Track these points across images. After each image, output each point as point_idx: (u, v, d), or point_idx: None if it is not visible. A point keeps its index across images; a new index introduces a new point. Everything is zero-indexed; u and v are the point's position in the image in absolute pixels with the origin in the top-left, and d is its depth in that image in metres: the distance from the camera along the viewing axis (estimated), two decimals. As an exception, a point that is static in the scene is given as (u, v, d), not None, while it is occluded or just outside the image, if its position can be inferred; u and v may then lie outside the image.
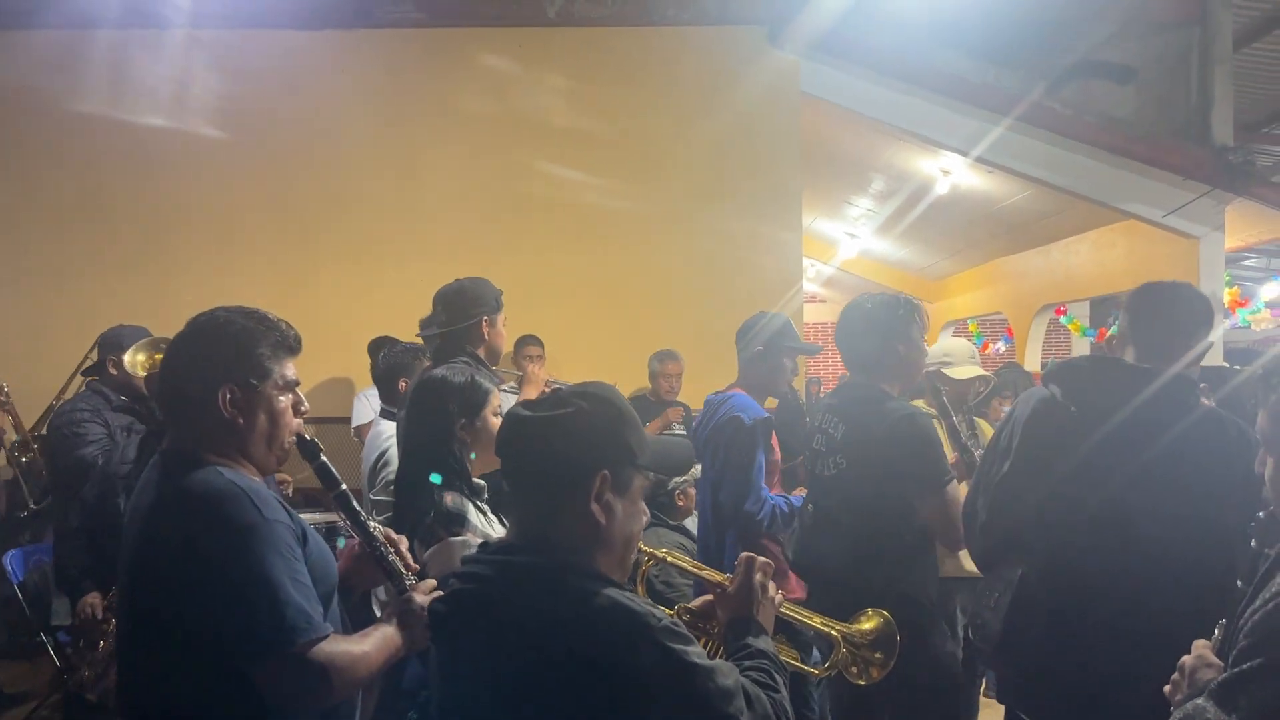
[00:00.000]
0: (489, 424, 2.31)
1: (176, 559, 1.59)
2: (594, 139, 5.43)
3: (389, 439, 3.47)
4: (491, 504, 2.30)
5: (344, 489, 1.85)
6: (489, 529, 2.21)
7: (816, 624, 2.01)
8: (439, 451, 2.26)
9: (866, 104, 5.59)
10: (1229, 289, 8.23)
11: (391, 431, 3.37)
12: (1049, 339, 10.42)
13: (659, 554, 1.93)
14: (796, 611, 1.98)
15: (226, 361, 1.70)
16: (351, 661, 1.64)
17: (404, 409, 2.62)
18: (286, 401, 1.75)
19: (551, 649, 1.34)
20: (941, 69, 5.47)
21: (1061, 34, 5.81)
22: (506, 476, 1.51)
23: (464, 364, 2.65)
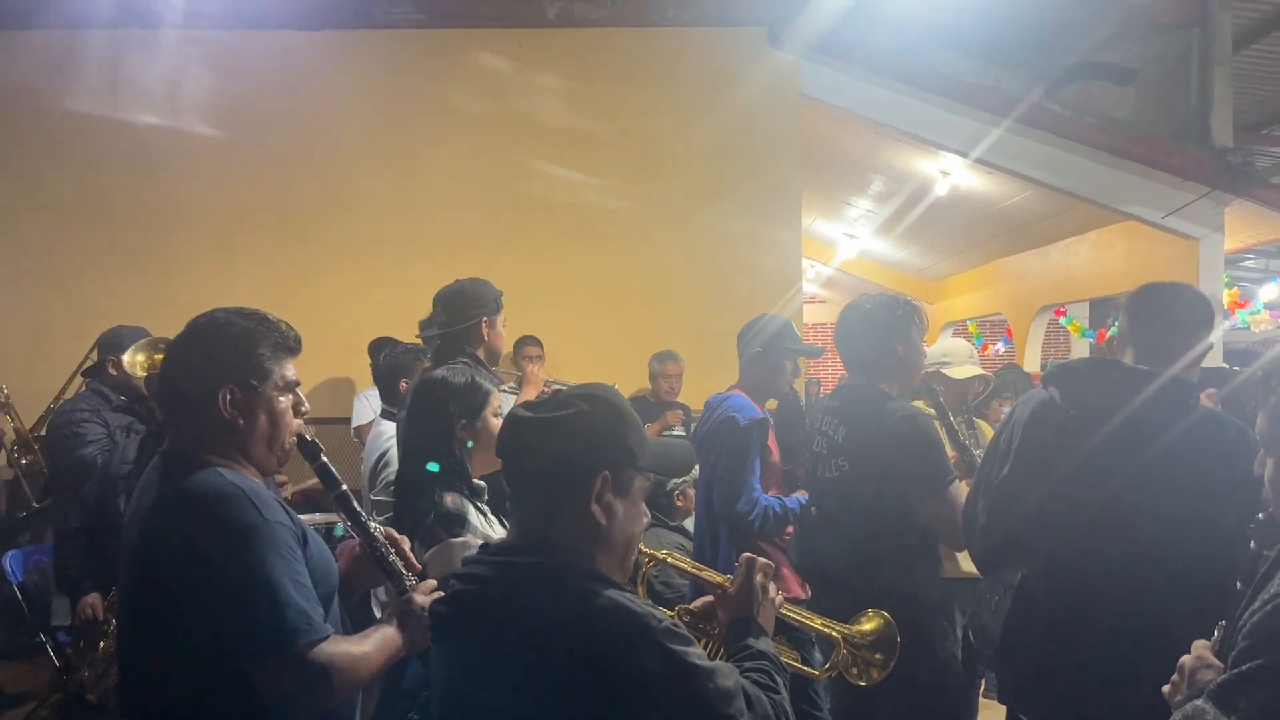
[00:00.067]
0: (489, 425, 2.31)
1: (177, 560, 1.59)
2: (594, 140, 5.43)
3: (390, 439, 3.47)
4: (492, 505, 2.30)
5: (344, 489, 1.85)
6: (489, 530, 2.22)
7: (816, 625, 2.01)
8: (439, 452, 2.27)
9: (866, 105, 5.60)
10: (1228, 290, 8.23)
11: (392, 432, 3.37)
12: (1048, 340, 10.42)
13: (659, 555, 1.93)
14: (797, 612, 1.98)
15: (227, 362, 1.70)
16: (352, 662, 1.64)
17: (404, 410, 2.62)
18: (287, 402, 1.76)
19: (552, 650, 1.34)
20: (941, 70, 5.48)
21: (1061, 35, 5.81)
22: (507, 477, 1.52)
23: (464, 365, 2.65)
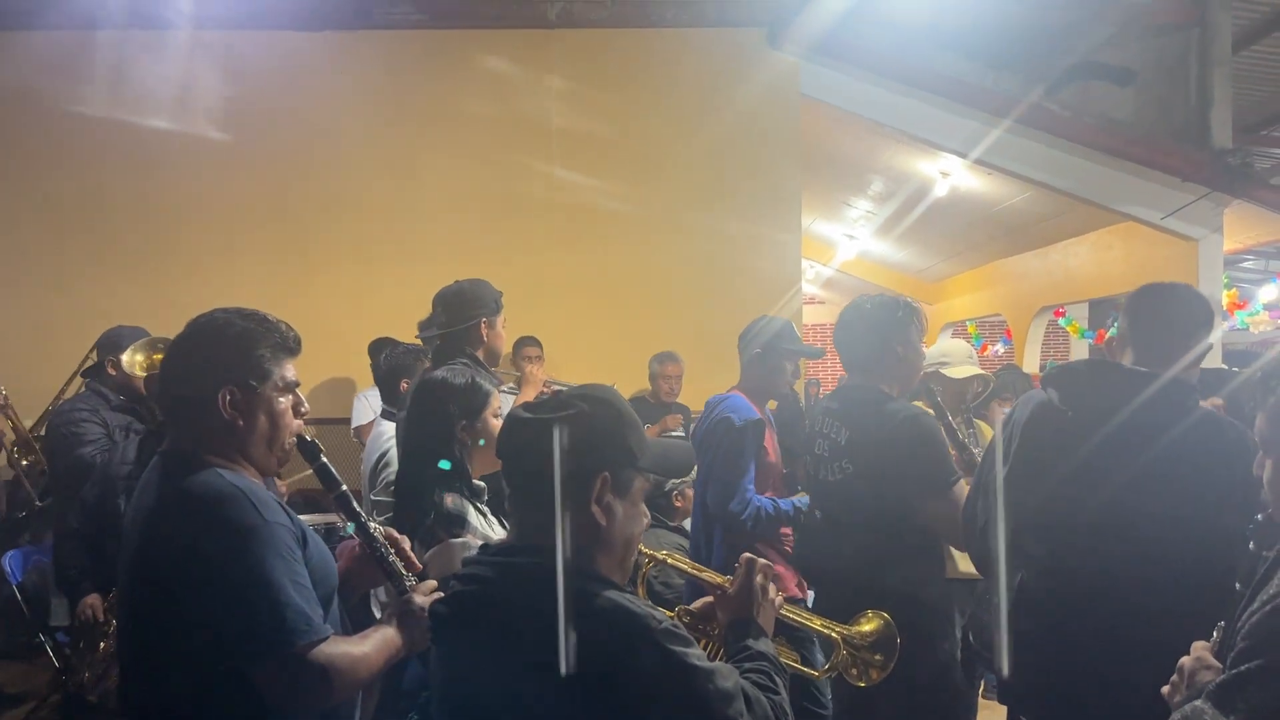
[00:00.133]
0: (489, 425, 2.31)
1: (177, 560, 1.59)
2: (593, 140, 5.43)
3: (390, 440, 3.47)
4: (492, 505, 2.30)
5: (344, 490, 1.85)
6: (489, 530, 2.22)
7: (816, 626, 2.01)
8: (439, 453, 2.27)
9: (866, 106, 5.60)
10: (1227, 291, 8.24)
11: (392, 432, 3.37)
12: (1048, 341, 10.42)
13: (659, 556, 1.93)
14: (796, 613, 1.98)
15: (226, 363, 1.70)
16: (351, 663, 1.64)
17: (404, 410, 2.62)
18: (286, 403, 1.76)
19: (552, 650, 1.34)
20: (941, 71, 5.48)
21: (1060, 36, 5.82)
22: (507, 478, 1.52)
23: (464, 365, 2.65)
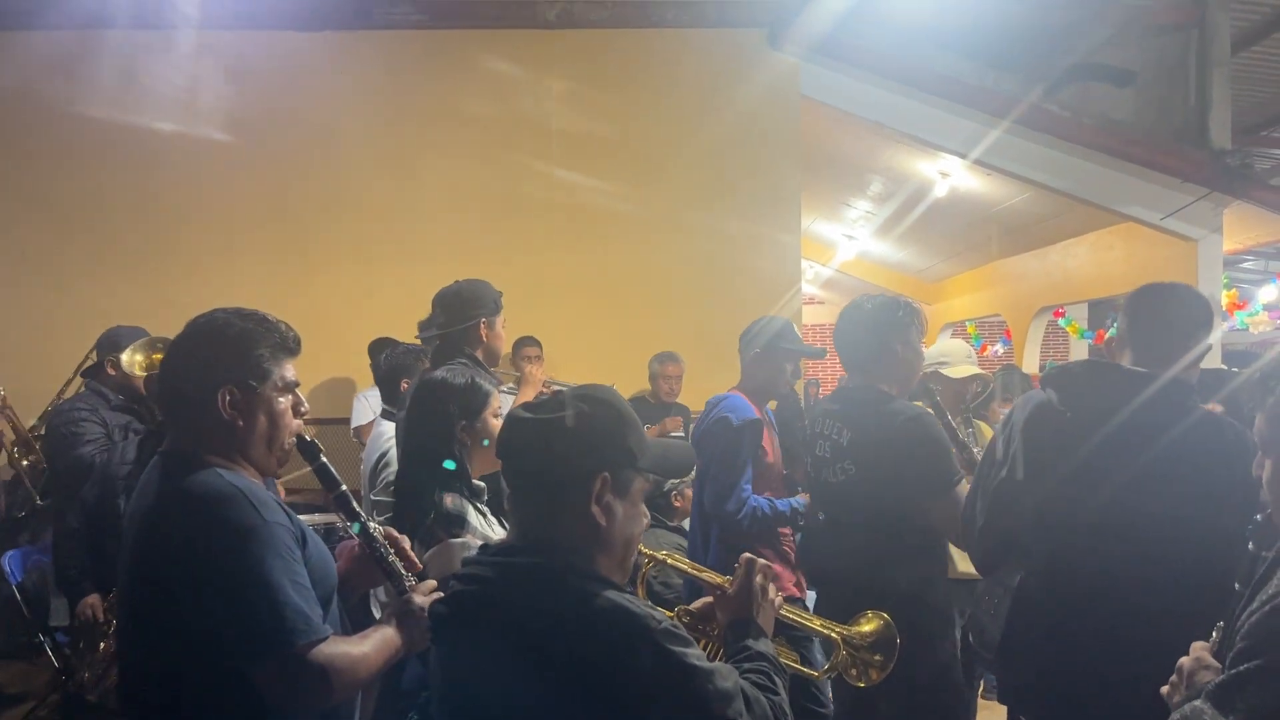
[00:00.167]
0: (489, 425, 2.31)
1: (176, 560, 1.59)
2: (593, 141, 5.44)
3: (390, 440, 3.47)
4: (492, 505, 2.30)
5: (344, 489, 1.85)
6: (489, 531, 2.21)
7: (816, 626, 2.01)
8: (439, 453, 2.27)
9: (865, 106, 5.60)
10: (1227, 292, 8.24)
11: (392, 432, 3.37)
12: (1047, 341, 10.41)
13: (659, 556, 1.93)
14: (796, 613, 1.98)
15: (226, 363, 1.70)
16: (351, 663, 1.64)
17: (404, 410, 2.62)
18: (286, 403, 1.76)
19: (552, 650, 1.35)
20: (940, 71, 5.48)
21: (1060, 37, 5.82)
22: (507, 478, 1.52)
23: (464, 365, 2.65)
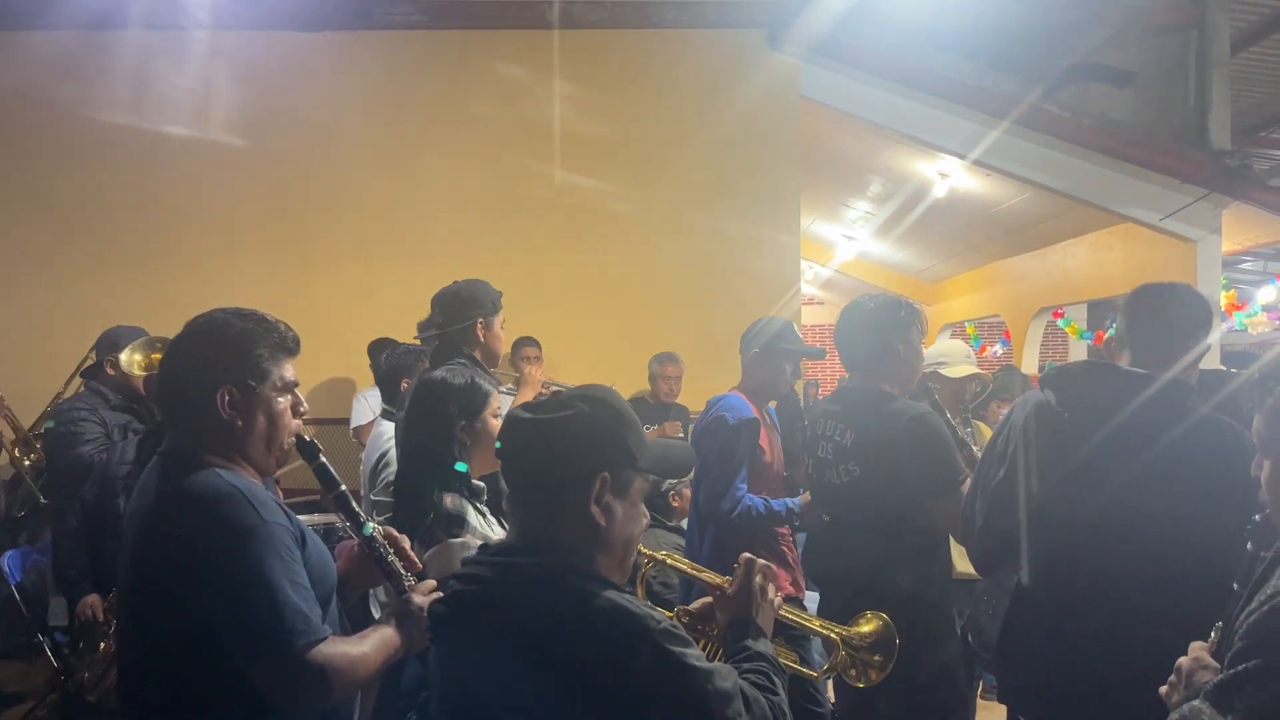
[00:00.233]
0: (489, 426, 2.31)
1: (175, 560, 1.59)
2: (593, 141, 5.44)
3: (390, 440, 3.47)
4: (491, 505, 2.30)
5: (343, 489, 1.85)
6: (488, 530, 2.21)
7: (815, 626, 2.01)
8: (439, 453, 2.26)
9: (865, 107, 5.60)
10: (1226, 292, 8.23)
11: (392, 433, 3.37)
12: (1046, 342, 10.41)
13: (659, 556, 1.93)
14: (795, 614, 1.98)
15: (225, 363, 1.70)
16: (350, 663, 1.64)
17: (404, 410, 2.62)
18: (285, 403, 1.76)
19: (551, 650, 1.35)
20: (940, 72, 5.48)
21: (1059, 37, 5.82)
22: (507, 478, 1.52)
23: (463, 366, 2.65)
